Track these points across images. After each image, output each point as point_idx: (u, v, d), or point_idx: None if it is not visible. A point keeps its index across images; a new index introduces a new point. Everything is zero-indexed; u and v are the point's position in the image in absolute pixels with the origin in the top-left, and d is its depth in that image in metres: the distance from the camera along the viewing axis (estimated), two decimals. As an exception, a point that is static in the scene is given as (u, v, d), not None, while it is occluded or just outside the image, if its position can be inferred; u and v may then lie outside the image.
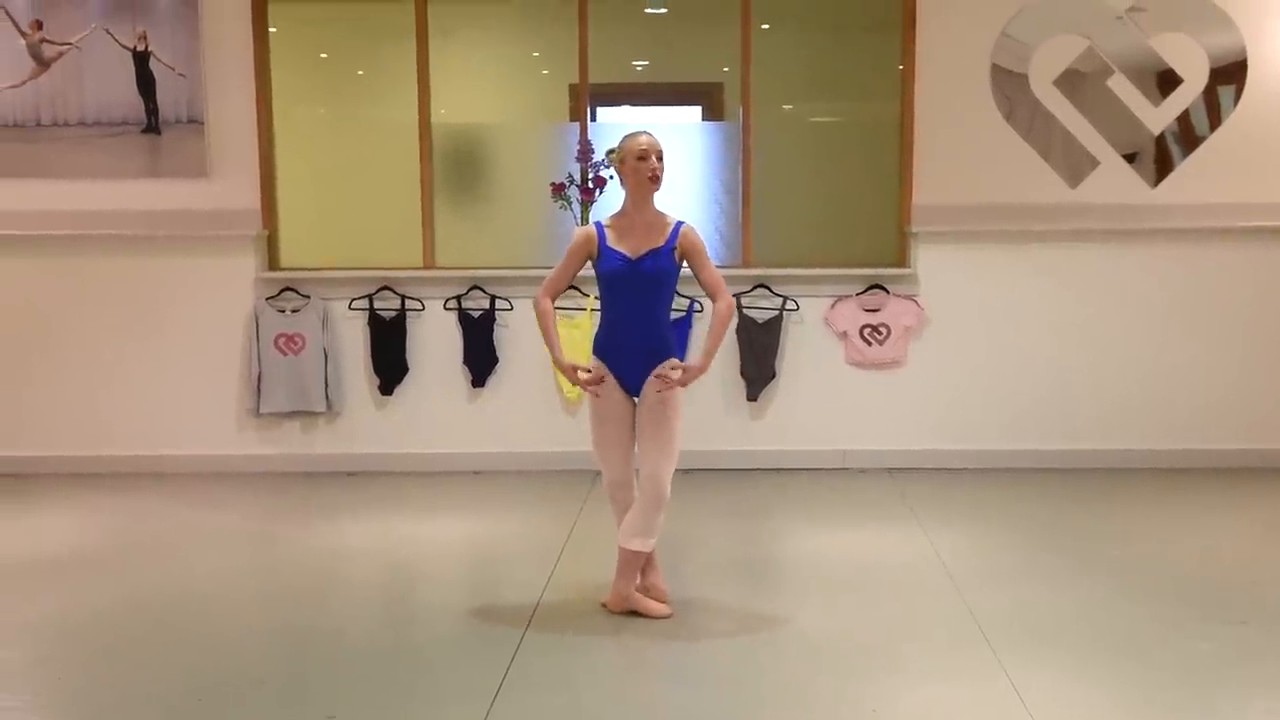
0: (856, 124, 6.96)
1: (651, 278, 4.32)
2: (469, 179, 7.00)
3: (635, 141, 4.34)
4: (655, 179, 4.32)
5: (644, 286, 4.33)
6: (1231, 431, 6.54)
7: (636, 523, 4.37)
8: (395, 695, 3.82)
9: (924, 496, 6.04)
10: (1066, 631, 4.29)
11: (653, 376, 4.33)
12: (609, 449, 4.40)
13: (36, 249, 6.51)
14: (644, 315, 4.35)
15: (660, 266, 4.31)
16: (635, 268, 4.30)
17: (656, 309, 4.37)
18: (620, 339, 4.36)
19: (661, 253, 4.31)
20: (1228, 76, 6.37)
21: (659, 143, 4.36)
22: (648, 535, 4.39)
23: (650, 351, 4.34)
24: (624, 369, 4.36)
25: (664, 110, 7.82)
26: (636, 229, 4.34)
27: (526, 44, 7.14)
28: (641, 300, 4.34)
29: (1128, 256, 6.47)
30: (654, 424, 4.32)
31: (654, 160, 4.31)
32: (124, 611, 4.58)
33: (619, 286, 4.35)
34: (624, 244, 4.33)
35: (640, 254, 4.31)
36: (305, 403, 6.53)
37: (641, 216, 4.36)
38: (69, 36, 6.42)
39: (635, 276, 4.31)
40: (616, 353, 4.36)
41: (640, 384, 4.36)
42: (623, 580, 4.46)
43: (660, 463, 4.31)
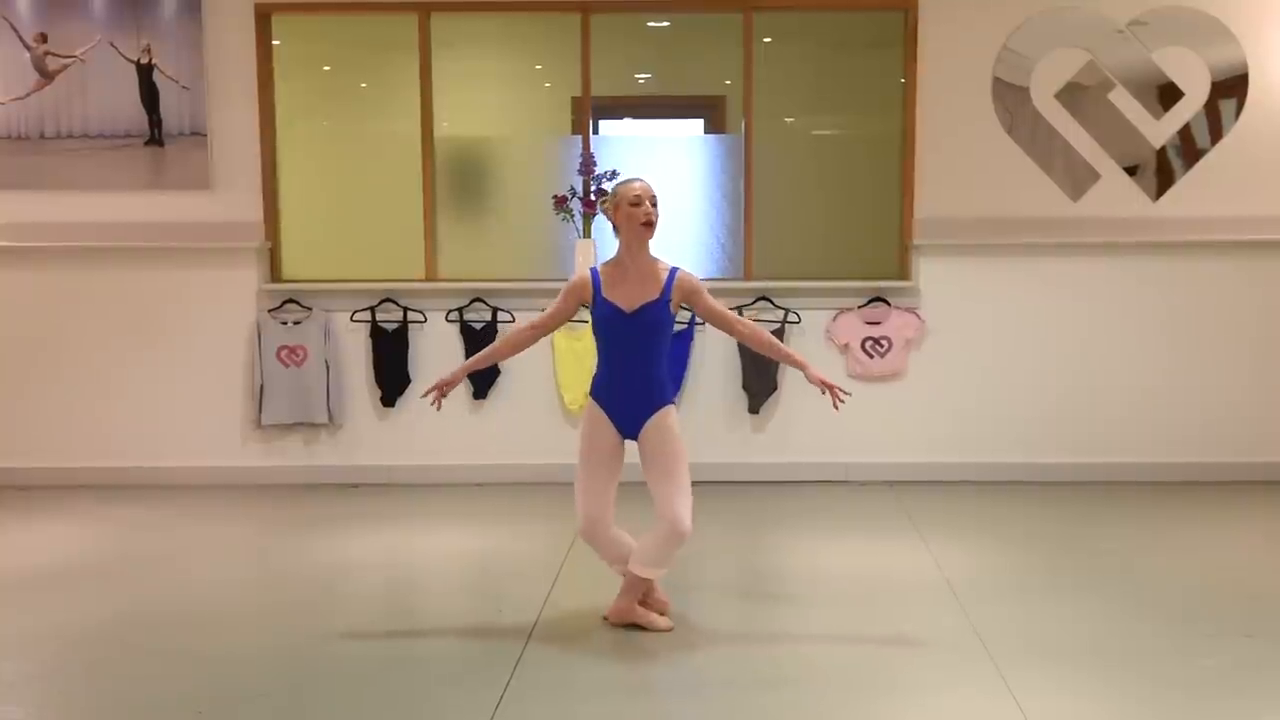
0: (858, 137, 6.97)
1: (646, 330, 4.31)
2: (471, 191, 7.01)
3: (629, 187, 4.32)
4: (649, 225, 4.30)
5: (638, 338, 4.32)
6: (1235, 444, 6.53)
7: (652, 553, 4.34)
8: (396, 709, 3.81)
9: (925, 509, 6.04)
10: (1069, 645, 4.28)
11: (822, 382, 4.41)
12: (592, 484, 4.35)
13: (40, 261, 6.52)
14: (639, 363, 4.33)
15: (656, 319, 4.30)
16: (630, 321, 4.29)
17: (651, 357, 4.35)
18: (616, 384, 4.35)
19: (657, 305, 4.29)
20: (1229, 90, 6.38)
21: (653, 189, 4.34)
22: (661, 566, 4.38)
23: (646, 400, 4.32)
24: (620, 413, 4.35)
25: (666, 123, 7.84)
26: (630, 278, 4.31)
27: (529, 57, 7.16)
28: (636, 350, 4.33)
29: (1129, 269, 6.48)
30: (662, 462, 4.30)
31: (648, 206, 4.28)
32: (125, 623, 4.57)
33: (613, 338, 4.34)
34: (618, 295, 4.30)
35: (635, 307, 4.28)
36: (307, 414, 6.53)
37: (635, 264, 4.32)
38: (73, 49, 6.44)
39: (629, 329, 4.30)
40: (612, 397, 4.35)
41: (636, 428, 4.34)
42: (626, 597, 4.45)
43: (679, 500, 4.28)
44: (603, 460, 4.36)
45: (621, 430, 4.37)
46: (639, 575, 4.38)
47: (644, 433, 4.33)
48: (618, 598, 4.46)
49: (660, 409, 4.33)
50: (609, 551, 4.43)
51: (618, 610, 4.46)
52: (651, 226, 4.31)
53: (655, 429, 4.32)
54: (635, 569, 4.38)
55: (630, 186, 4.33)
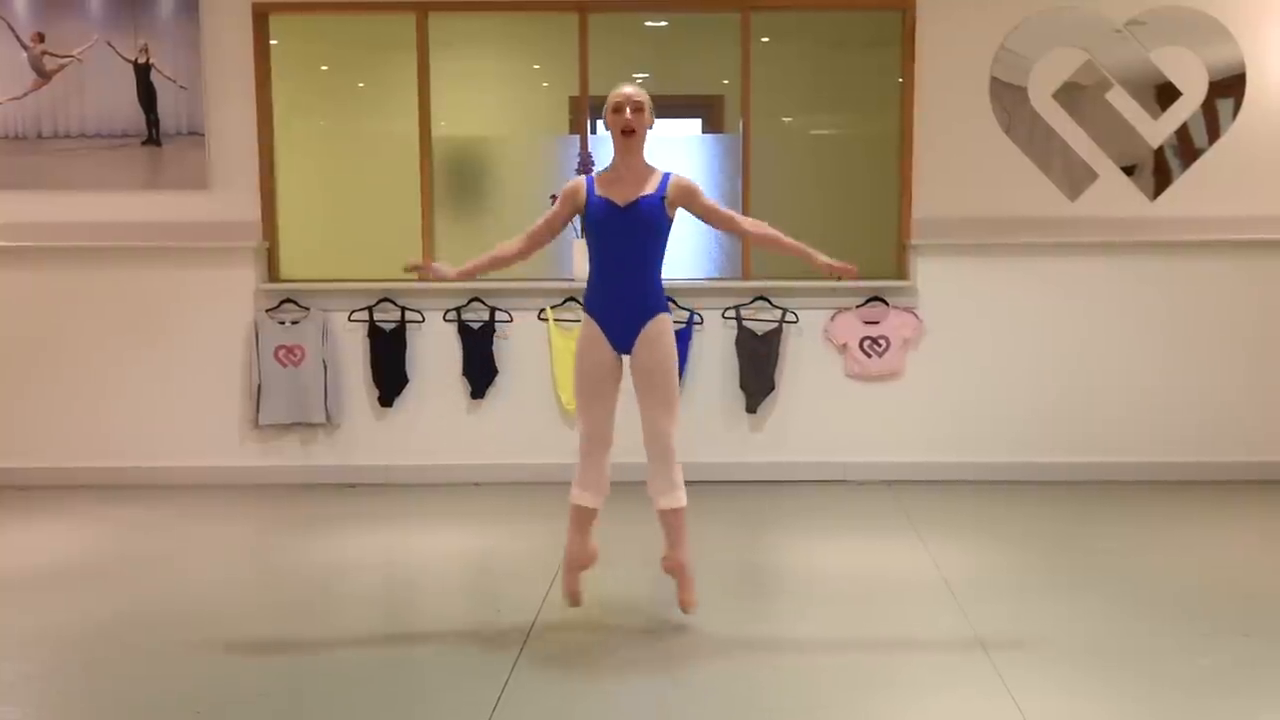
0: (856, 137, 6.98)
1: (640, 224, 4.25)
2: (469, 191, 7.01)
3: (612, 94, 4.31)
4: (628, 131, 4.27)
5: (633, 235, 4.27)
6: (1232, 444, 6.54)
7: (660, 482, 4.31)
8: (393, 709, 3.81)
9: (923, 509, 6.04)
10: (1067, 644, 4.29)
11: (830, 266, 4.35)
12: (592, 402, 4.31)
13: (37, 261, 6.52)
14: (633, 268, 4.28)
15: (650, 213, 4.25)
16: (623, 214, 4.25)
17: (646, 261, 4.30)
18: (609, 293, 4.29)
19: (651, 200, 4.26)
20: (1226, 89, 6.38)
21: (639, 94, 4.31)
22: (676, 488, 4.33)
23: (641, 307, 4.27)
24: (613, 325, 4.29)
25: (664, 122, 7.83)
26: (625, 179, 4.30)
27: (527, 56, 7.16)
28: (630, 251, 4.28)
29: (1127, 269, 6.48)
30: (652, 381, 4.26)
31: (626, 113, 4.26)
32: (123, 623, 4.57)
33: (607, 234, 4.28)
34: (612, 192, 4.28)
35: (629, 201, 4.25)
36: (305, 414, 6.53)
37: (628, 169, 4.31)
38: (70, 49, 6.44)
39: (623, 223, 4.25)
40: (606, 308, 4.30)
41: (630, 341, 4.29)
42: (675, 547, 4.41)
43: (665, 419, 4.26)
44: (600, 377, 4.31)
45: (615, 344, 4.30)
46: (671, 509, 4.35)
47: (639, 344, 4.27)
48: (666, 547, 4.43)
49: (655, 316, 4.28)
50: (589, 471, 4.36)
51: (670, 561, 4.45)
52: (631, 133, 4.27)
53: (650, 342, 4.26)
54: (659, 504, 4.34)
55: (614, 93, 4.32)
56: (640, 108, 4.30)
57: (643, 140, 4.33)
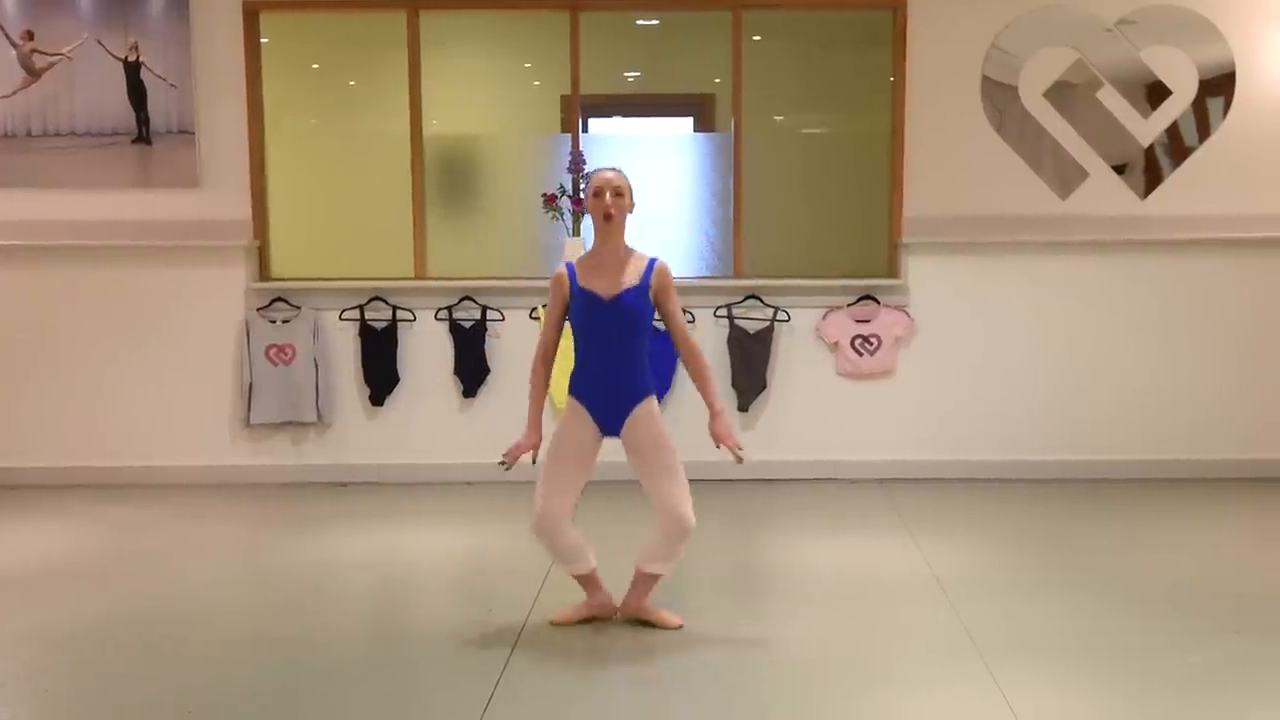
0: (847, 135, 6.98)
1: (627, 316, 4.24)
2: (461, 190, 7.00)
3: (594, 178, 4.29)
4: (608, 217, 4.24)
5: (618, 326, 4.25)
6: (1222, 442, 6.55)
7: (661, 551, 4.31)
8: (385, 708, 3.81)
9: (915, 507, 6.05)
10: (1058, 643, 4.29)
11: (728, 447, 4.31)
12: (557, 479, 4.27)
13: (26, 259, 6.50)
14: (620, 357, 4.27)
15: (635, 305, 4.24)
16: (608, 307, 4.23)
17: (633, 349, 4.29)
18: (596, 379, 4.29)
19: (636, 291, 4.24)
20: (1216, 88, 6.40)
21: (620, 179, 4.28)
22: (670, 561, 4.35)
23: (630, 391, 4.27)
24: (600, 409, 4.29)
25: (655, 121, 7.85)
26: (607, 267, 4.27)
27: (518, 55, 7.15)
28: (616, 340, 4.26)
29: (1117, 267, 6.49)
30: (653, 461, 4.25)
31: (607, 198, 4.23)
32: (114, 623, 4.55)
33: (592, 327, 4.27)
34: (596, 283, 4.25)
35: (613, 294, 4.23)
36: (296, 413, 6.52)
37: (609, 254, 4.28)
38: (60, 47, 6.42)
39: (609, 315, 4.24)
40: (593, 392, 4.29)
41: (618, 424, 4.29)
42: (636, 592, 4.43)
43: (677, 494, 4.24)
44: (576, 457, 4.29)
45: (602, 426, 4.31)
46: (650, 573, 4.37)
47: (628, 426, 4.27)
48: (629, 592, 4.44)
49: (643, 399, 4.29)
50: (562, 551, 4.34)
51: (629, 605, 4.44)
52: (610, 219, 4.25)
53: (640, 422, 4.27)
54: (646, 567, 4.36)
55: (595, 177, 4.30)
56: (620, 193, 4.26)
57: (622, 225, 4.30)
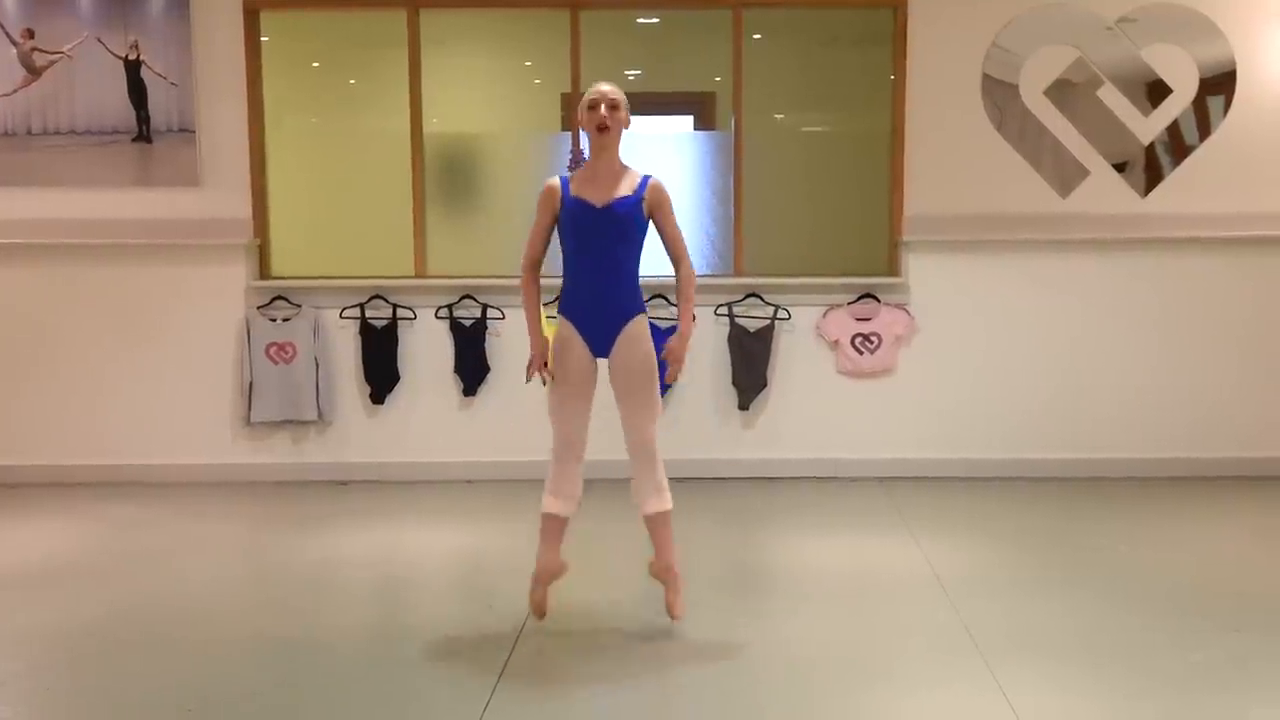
0: (848, 134, 6.98)
1: (618, 225, 4.19)
2: (461, 188, 7.00)
3: (589, 92, 4.27)
4: (602, 128, 4.20)
5: (610, 235, 4.20)
6: (1223, 440, 6.55)
7: (646, 485, 4.28)
8: (386, 706, 3.81)
9: (915, 506, 6.05)
10: (1058, 641, 4.30)
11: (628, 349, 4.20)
12: (567, 405, 4.24)
13: (27, 257, 6.50)
14: (610, 269, 4.22)
15: (628, 214, 4.19)
16: (600, 214, 4.18)
17: (623, 262, 4.24)
18: (586, 295, 4.23)
19: (629, 201, 4.21)
20: (1217, 87, 6.40)
21: (615, 91, 4.25)
22: (662, 491, 4.30)
23: (619, 309, 4.22)
24: (591, 328, 4.23)
25: (656, 120, 7.84)
26: (601, 179, 4.24)
27: (519, 54, 7.15)
28: (607, 252, 4.21)
29: (1118, 266, 6.49)
30: (631, 383, 4.21)
31: (601, 110, 4.20)
32: (114, 621, 4.56)
33: (584, 235, 4.22)
34: (588, 192, 4.22)
35: (606, 202, 4.20)
36: (296, 412, 6.52)
37: (604, 168, 4.25)
38: (60, 45, 6.41)
39: (600, 223, 4.19)
40: (582, 311, 4.23)
41: (608, 344, 4.24)
42: (666, 548, 4.35)
43: (646, 424, 4.22)
44: (578, 384, 4.24)
45: (593, 347, 4.25)
46: (657, 512, 4.30)
47: (617, 346, 4.23)
48: (655, 555, 4.38)
49: (633, 318, 4.24)
50: (565, 481, 4.29)
51: (657, 566, 4.39)
52: (605, 130, 4.21)
53: (629, 342, 4.22)
54: (648, 508, 4.30)
55: (590, 91, 4.28)
56: (616, 105, 4.24)
57: (618, 138, 4.28)
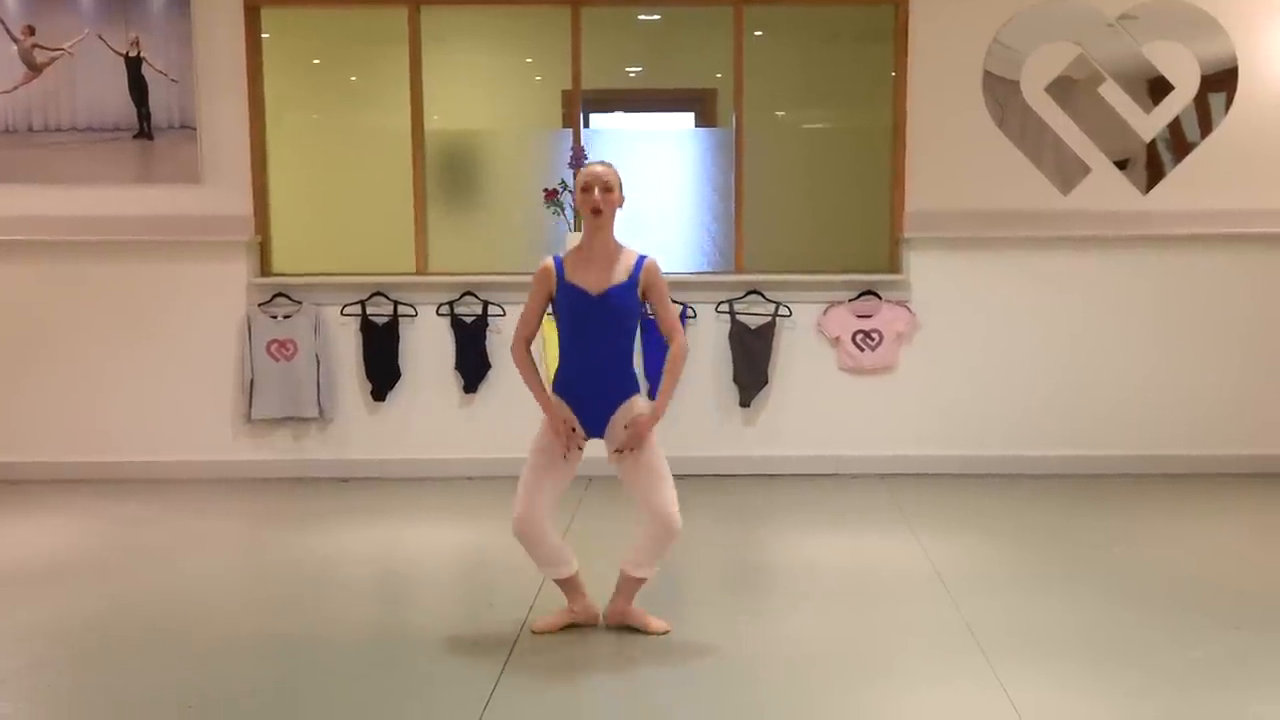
0: (849, 131, 6.98)
1: (614, 313, 4.17)
2: (462, 185, 7.00)
3: (582, 173, 4.24)
4: (596, 212, 4.17)
5: (605, 322, 4.18)
6: (1224, 437, 6.55)
7: (648, 554, 4.26)
8: (386, 703, 3.81)
9: (916, 502, 6.05)
10: (1059, 638, 4.29)
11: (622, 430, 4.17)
12: (538, 482, 4.19)
13: (28, 254, 6.50)
14: (606, 353, 4.21)
15: (623, 302, 4.17)
16: (596, 302, 4.16)
17: (618, 346, 4.22)
18: (581, 378, 4.22)
19: (624, 288, 4.17)
20: (1219, 84, 6.39)
21: (609, 173, 4.21)
22: (654, 564, 4.31)
23: (616, 391, 4.21)
24: (585, 409, 4.22)
25: (657, 117, 7.84)
26: (596, 262, 4.19)
27: (519, 50, 7.15)
28: (603, 338, 4.19)
29: (1119, 263, 6.49)
30: (636, 461, 4.18)
31: (595, 193, 4.16)
32: (116, 617, 4.56)
33: (579, 321, 4.19)
34: (584, 278, 4.18)
35: (602, 290, 4.16)
36: (297, 408, 6.52)
37: (599, 249, 4.20)
38: (61, 42, 6.41)
39: (596, 311, 4.16)
40: (578, 392, 4.21)
41: (602, 425, 4.23)
42: (621, 597, 4.37)
43: (663, 496, 4.18)
44: (558, 460, 4.22)
45: (587, 428, 4.24)
46: (635, 577, 4.32)
47: (613, 425, 4.22)
48: (613, 599, 4.39)
49: (628, 398, 4.22)
50: (542, 555, 4.28)
51: (615, 612, 4.39)
52: (598, 213, 4.18)
53: (624, 421, 4.20)
54: (632, 571, 4.31)
55: (582, 172, 4.24)
56: (610, 188, 4.19)
57: (610, 220, 4.22)
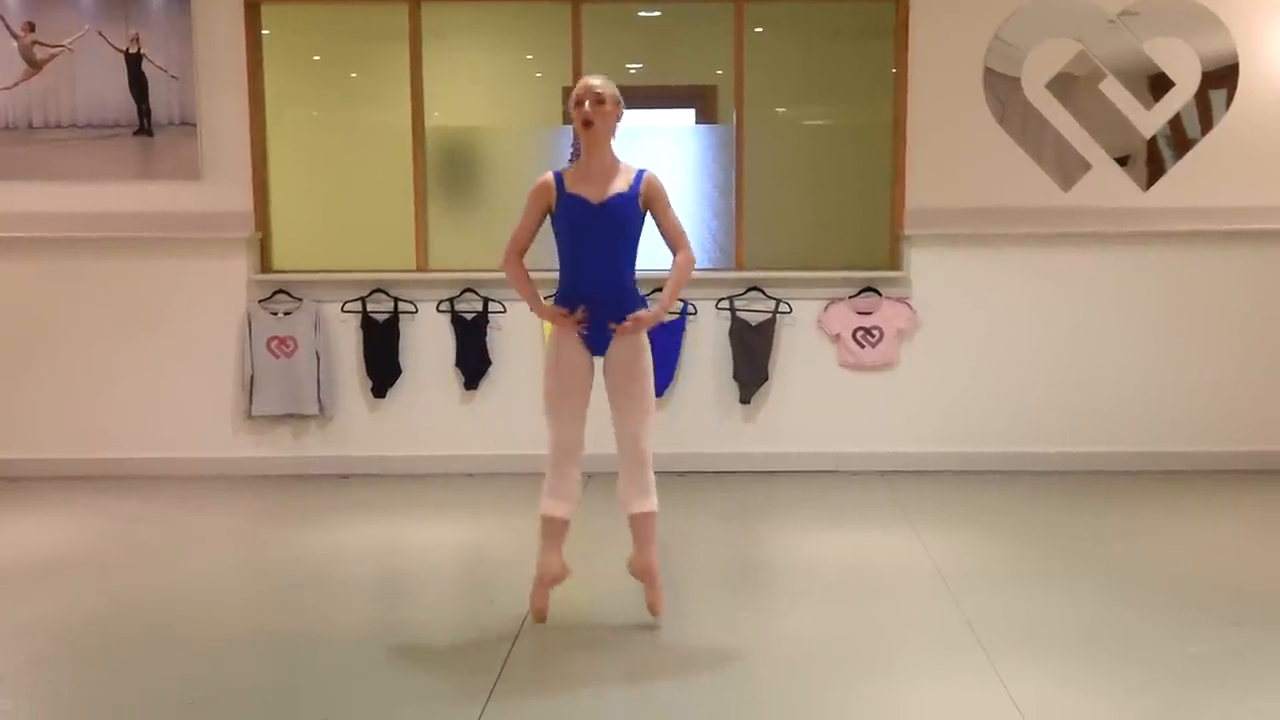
0: (849, 127, 6.97)
1: (616, 222, 4.14)
2: (462, 182, 7.00)
3: (576, 86, 4.21)
4: (587, 123, 4.15)
5: (607, 232, 4.15)
6: (1224, 434, 6.55)
7: (631, 487, 4.23)
8: (387, 699, 3.82)
9: (917, 499, 6.05)
10: (1059, 634, 4.30)
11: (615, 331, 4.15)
12: (564, 402, 4.17)
13: (28, 251, 6.50)
14: (608, 266, 4.17)
15: (625, 211, 4.14)
16: (597, 211, 4.13)
17: (620, 259, 4.19)
18: (582, 292, 4.17)
19: (626, 197, 4.15)
20: (1219, 80, 6.39)
21: (601, 86, 4.17)
22: (648, 493, 4.25)
23: (617, 307, 4.16)
24: (589, 326, 4.19)
25: (657, 113, 7.83)
26: (595, 175, 4.17)
27: (519, 47, 7.15)
28: (605, 249, 4.16)
29: (1120, 259, 6.49)
30: (625, 382, 4.16)
31: (586, 106, 4.14)
32: (116, 614, 4.56)
33: (580, 232, 4.16)
34: (585, 189, 4.16)
35: (603, 199, 4.14)
36: (298, 405, 6.52)
37: (597, 164, 4.19)
38: (61, 38, 6.41)
39: (598, 221, 4.13)
40: (579, 306, 4.17)
41: (604, 341, 4.19)
42: (648, 549, 4.28)
43: (639, 422, 4.17)
44: (575, 384, 4.19)
45: (590, 345, 4.21)
46: (642, 513, 4.25)
47: (613, 345, 4.18)
48: (635, 549, 4.31)
49: (633, 313, 4.17)
50: (563, 482, 4.23)
51: (639, 563, 4.32)
52: (589, 125, 4.15)
53: (624, 340, 4.17)
54: (634, 508, 4.25)
55: (577, 86, 4.22)
56: (601, 99, 4.16)
57: (606, 133, 4.19)
